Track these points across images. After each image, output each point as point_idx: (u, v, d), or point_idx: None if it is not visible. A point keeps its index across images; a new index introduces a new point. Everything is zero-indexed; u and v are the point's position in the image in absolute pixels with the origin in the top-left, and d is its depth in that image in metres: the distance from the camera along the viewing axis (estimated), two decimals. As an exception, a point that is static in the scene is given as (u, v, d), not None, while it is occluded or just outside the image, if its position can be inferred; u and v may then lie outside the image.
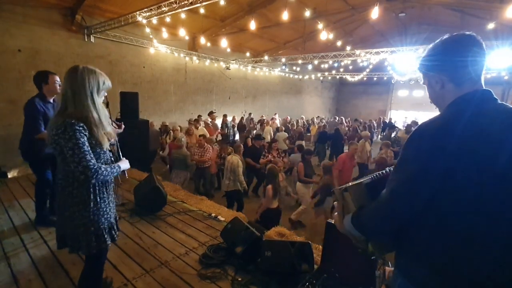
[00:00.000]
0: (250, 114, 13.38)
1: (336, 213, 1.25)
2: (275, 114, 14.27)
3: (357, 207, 1.13)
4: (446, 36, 1.05)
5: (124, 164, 1.83)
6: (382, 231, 1.07)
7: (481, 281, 0.93)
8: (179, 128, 8.19)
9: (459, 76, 1.02)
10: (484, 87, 1.02)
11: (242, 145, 5.77)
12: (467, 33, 1.03)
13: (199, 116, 9.96)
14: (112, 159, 1.78)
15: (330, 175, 5.07)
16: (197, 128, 7.97)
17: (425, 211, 0.99)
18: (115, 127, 2.16)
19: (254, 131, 11.89)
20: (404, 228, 1.06)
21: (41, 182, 3.10)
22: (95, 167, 1.50)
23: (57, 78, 2.98)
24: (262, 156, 6.26)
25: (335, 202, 1.28)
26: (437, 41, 1.08)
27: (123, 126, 2.43)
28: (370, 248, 1.14)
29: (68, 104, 1.54)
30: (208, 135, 7.30)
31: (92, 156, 1.52)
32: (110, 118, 2.04)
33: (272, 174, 4.03)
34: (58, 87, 2.95)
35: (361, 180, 1.15)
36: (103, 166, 1.59)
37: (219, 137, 8.67)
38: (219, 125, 10.44)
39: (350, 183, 1.19)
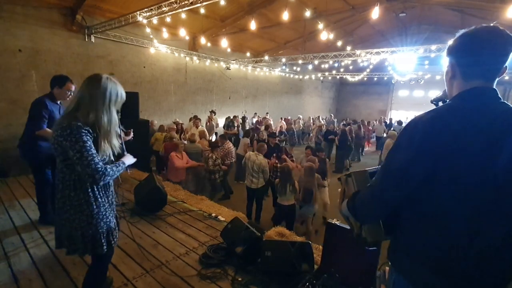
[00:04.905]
0: (255, 114, 13.42)
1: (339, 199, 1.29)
2: (267, 113, 14.30)
3: None
4: (473, 28, 0.98)
5: (128, 160, 1.81)
6: (372, 214, 1.10)
7: (471, 275, 0.95)
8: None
9: (470, 71, 1.00)
10: (494, 86, 1.00)
11: (265, 145, 5.63)
12: (496, 29, 0.95)
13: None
14: (112, 158, 1.74)
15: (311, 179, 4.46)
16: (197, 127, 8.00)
17: (414, 202, 1.00)
18: (121, 135, 2.10)
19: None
20: (394, 221, 1.08)
21: (40, 182, 3.10)
22: (102, 169, 1.50)
23: (73, 88, 2.99)
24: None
25: (339, 189, 1.30)
26: (469, 30, 0.99)
27: (132, 134, 2.38)
28: (363, 233, 1.17)
29: (81, 107, 1.52)
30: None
31: (99, 158, 1.51)
32: (120, 126, 2.03)
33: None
34: (68, 95, 2.96)
35: (366, 169, 1.22)
36: (109, 166, 1.58)
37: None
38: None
39: (356, 170, 1.24)
